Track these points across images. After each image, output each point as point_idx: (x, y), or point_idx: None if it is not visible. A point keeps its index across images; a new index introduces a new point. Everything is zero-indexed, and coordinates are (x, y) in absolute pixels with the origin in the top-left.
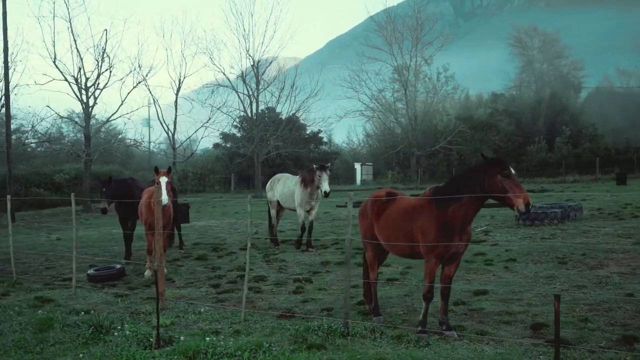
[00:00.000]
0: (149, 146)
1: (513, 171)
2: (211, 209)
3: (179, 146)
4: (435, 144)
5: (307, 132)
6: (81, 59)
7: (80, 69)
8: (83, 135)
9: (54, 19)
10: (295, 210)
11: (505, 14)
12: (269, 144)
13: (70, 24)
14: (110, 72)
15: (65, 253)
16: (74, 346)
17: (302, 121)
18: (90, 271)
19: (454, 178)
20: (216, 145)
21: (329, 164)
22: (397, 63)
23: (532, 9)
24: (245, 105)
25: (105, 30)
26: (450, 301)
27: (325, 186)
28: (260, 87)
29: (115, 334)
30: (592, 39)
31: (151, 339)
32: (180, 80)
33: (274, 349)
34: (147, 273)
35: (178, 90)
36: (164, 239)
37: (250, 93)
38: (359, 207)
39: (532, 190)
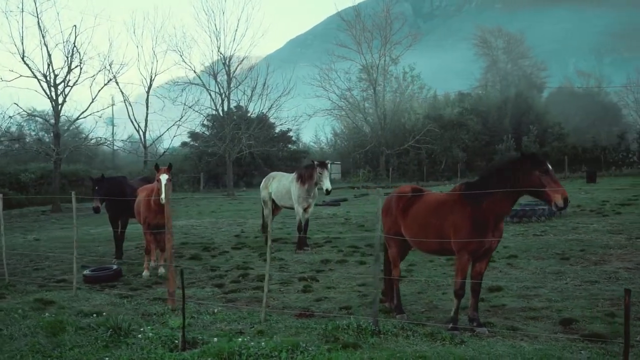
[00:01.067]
0: (113, 145)
1: (550, 167)
2: (185, 208)
3: (151, 144)
4: (404, 142)
5: (276, 131)
6: (49, 55)
7: (49, 65)
8: (47, 134)
9: (22, 13)
10: (289, 208)
11: (464, 15)
12: (241, 142)
13: (39, 19)
14: (81, 68)
15: (48, 253)
16: (95, 349)
17: (272, 120)
18: (87, 272)
19: (487, 173)
20: (184, 144)
21: (328, 161)
22: (365, 62)
23: (489, 10)
24: (216, 103)
25: (75, 26)
26: (469, 298)
27: (327, 184)
28: (231, 85)
29: (139, 336)
30: (549, 41)
31: (176, 341)
32: (151, 77)
33: (310, 348)
34: (145, 273)
35: (149, 88)
36: (163, 239)
37: (222, 91)
38: (338, 206)
39: None
